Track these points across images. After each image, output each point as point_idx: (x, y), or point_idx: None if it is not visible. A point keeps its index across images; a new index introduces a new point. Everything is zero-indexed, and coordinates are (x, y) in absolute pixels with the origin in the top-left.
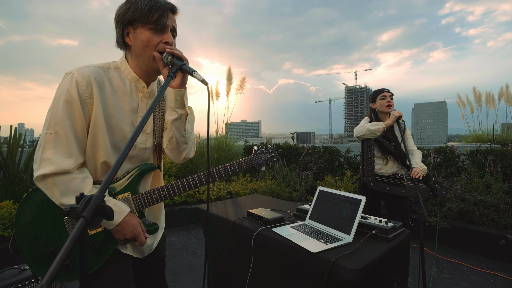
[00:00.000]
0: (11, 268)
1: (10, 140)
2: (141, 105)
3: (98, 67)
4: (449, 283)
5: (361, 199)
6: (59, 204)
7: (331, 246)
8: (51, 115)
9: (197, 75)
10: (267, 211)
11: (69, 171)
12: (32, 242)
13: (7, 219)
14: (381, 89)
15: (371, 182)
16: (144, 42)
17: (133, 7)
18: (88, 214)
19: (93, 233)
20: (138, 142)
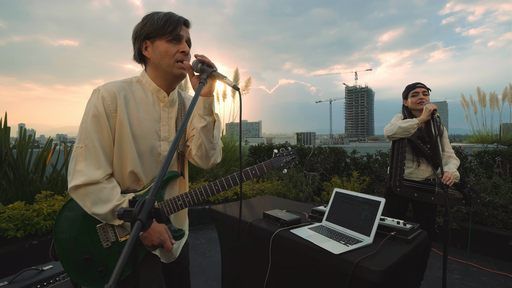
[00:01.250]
0: (29, 269)
1: (20, 142)
2: (163, 114)
3: (122, 82)
4: (460, 284)
5: (380, 201)
6: (91, 213)
7: (352, 248)
8: (81, 129)
9: (228, 80)
10: (283, 212)
11: (98, 181)
12: (69, 249)
13: (19, 220)
14: (414, 84)
15: (398, 187)
16: (162, 52)
17: (149, 23)
18: (143, 217)
19: (123, 239)
20: (163, 150)
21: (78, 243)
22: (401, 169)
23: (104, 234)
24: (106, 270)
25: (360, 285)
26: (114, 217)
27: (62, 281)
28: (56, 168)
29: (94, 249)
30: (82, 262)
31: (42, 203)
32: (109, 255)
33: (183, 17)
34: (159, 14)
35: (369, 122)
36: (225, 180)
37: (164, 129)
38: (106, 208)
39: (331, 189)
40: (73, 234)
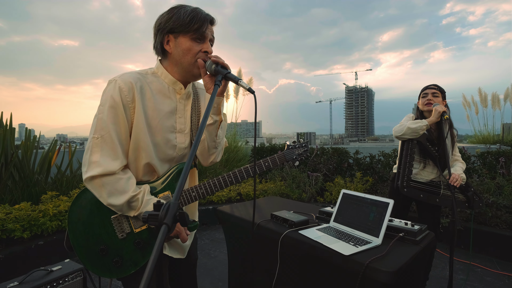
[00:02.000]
0: (39, 269)
1: (25, 142)
2: (179, 106)
3: (137, 73)
4: (464, 284)
5: (389, 202)
6: (107, 204)
7: (361, 249)
8: (97, 120)
9: (242, 83)
10: (290, 213)
11: (114, 172)
12: (83, 240)
13: (26, 221)
14: (427, 85)
15: (405, 187)
16: (185, 50)
17: (175, 17)
18: (169, 221)
19: (138, 231)
20: (179, 142)
21: (93, 234)
22: (409, 169)
23: (119, 225)
24: (122, 260)
25: (370, 286)
26: (129, 208)
27: (71, 281)
28: (61, 169)
29: (109, 240)
30: (98, 253)
31: (48, 204)
32: (124, 246)
33: (210, 15)
34: (186, 9)
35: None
36: (238, 172)
37: (180, 121)
38: (122, 199)
39: (334, 190)
40: (88, 225)
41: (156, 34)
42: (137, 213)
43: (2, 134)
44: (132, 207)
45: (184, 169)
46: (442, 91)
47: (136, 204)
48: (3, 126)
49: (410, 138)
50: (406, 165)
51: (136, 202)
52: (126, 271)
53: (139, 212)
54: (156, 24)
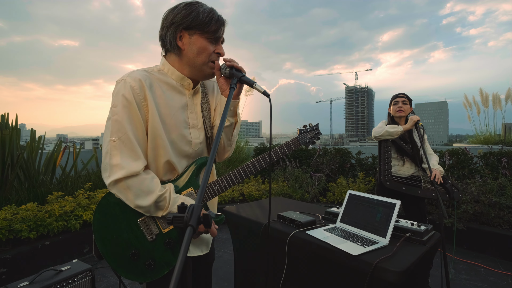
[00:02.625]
0: (48, 269)
1: (30, 143)
2: (189, 102)
3: (144, 70)
4: (468, 284)
5: (396, 203)
6: (134, 206)
7: (369, 249)
8: (112, 122)
9: (257, 86)
10: (297, 214)
11: (138, 173)
12: (113, 247)
13: (32, 221)
14: (397, 94)
15: (387, 181)
16: (200, 49)
17: (193, 14)
18: (194, 223)
19: (166, 231)
20: (193, 138)
21: (122, 240)
22: (389, 165)
23: (147, 228)
24: (154, 262)
25: (378, 285)
26: (157, 209)
27: (80, 281)
28: (66, 170)
29: (139, 243)
30: (129, 258)
31: (53, 204)
32: (155, 248)
33: (222, 17)
34: (204, 8)
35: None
36: (256, 161)
37: (192, 116)
38: (149, 199)
39: (336, 190)
40: (115, 231)
41: (168, 27)
42: (165, 213)
43: (8, 135)
44: (160, 207)
45: (206, 171)
46: (410, 99)
47: (163, 204)
48: (9, 127)
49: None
50: (385, 161)
51: (163, 202)
52: (160, 273)
53: (167, 212)
54: (169, 17)
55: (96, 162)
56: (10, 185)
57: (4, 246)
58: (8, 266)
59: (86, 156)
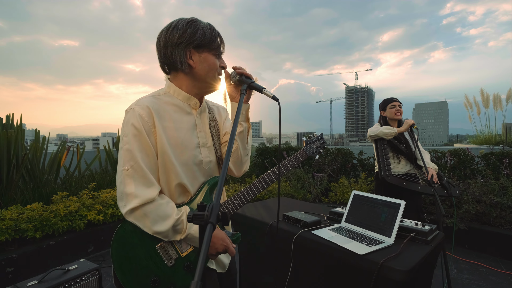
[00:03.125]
0: (56, 269)
1: (34, 143)
2: (197, 121)
3: (151, 96)
4: (470, 284)
5: (401, 203)
6: (153, 233)
7: (375, 249)
8: (123, 152)
9: (267, 92)
10: (302, 214)
11: (153, 199)
12: (133, 276)
13: (38, 221)
14: (390, 98)
15: (388, 176)
16: (211, 65)
17: (199, 32)
18: (214, 220)
19: (185, 254)
20: (204, 157)
21: (141, 267)
22: (387, 161)
23: (165, 253)
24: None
25: (384, 284)
26: (175, 233)
27: (87, 280)
28: (70, 170)
29: (159, 270)
30: (150, 285)
31: (58, 204)
32: (175, 273)
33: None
34: (205, 24)
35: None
36: (267, 176)
37: (201, 135)
38: (167, 224)
39: (338, 190)
40: (134, 260)
41: (176, 46)
42: (183, 236)
43: (14, 136)
44: (178, 231)
45: (222, 173)
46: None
47: (181, 227)
48: (14, 127)
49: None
50: (383, 157)
51: (181, 225)
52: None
53: (185, 235)
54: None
55: (99, 162)
56: (16, 185)
57: (10, 246)
58: (14, 265)
59: (89, 157)
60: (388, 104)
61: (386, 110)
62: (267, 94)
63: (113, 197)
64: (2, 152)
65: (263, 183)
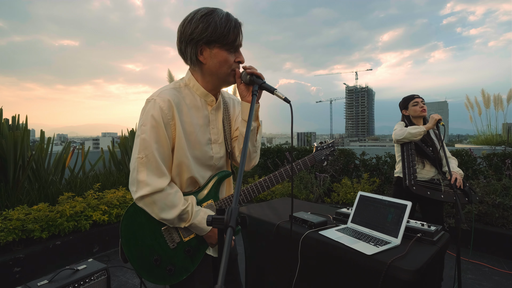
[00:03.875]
0: (65, 269)
1: (40, 144)
2: (211, 117)
3: (173, 88)
4: (473, 283)
5: (407, 204)
6: (159, 219)
7: (382, 249)
8: (140, 140)
9: (278, 93)
10: (308, 214)
11: (163, 188)
12: (137, 252)
13: (44, 221)
14: (412, 95)
15: (413, 186)
16: (221, 61)
17: (211, 27)
18: (233, 224)
19: (187, 239)
20: (215, 153)
21: (146, 246)
22: (413, 169)
23: (169, 236)
24: (174, 268)
25: (392, 284)
26: (180, 221)
27: (96, 280)
28: (74, 171)
29: (161, 250)
30: (152, 263)
31: (64, 205)
32: (176, 255)
33: (239, 20)
34: (221, 16)
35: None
36: (273, 176)
37: (213, 131)
38: (173, 213)
39: (341, 191)
40: (140, 238)
41: (188, 42)
42: (188, 225)
43: (20, 137)
44: (183, 220)
45: (239, 175)
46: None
47: (186, 217)
48: (19, 128)
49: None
50: (410, 164)
51: (186, 215)
52: (179, 277)
53: (189, 224)
54: (187, 32)
55: (103, 163)
56: (22, 186)
57: (17, 246)
58: (21, 265)
59: (93, 157)
60: (410, 101)
61: (408, 109)
62: (278, 95)
63: (117, 197)
64: (9, 153)
65: (269, 182)
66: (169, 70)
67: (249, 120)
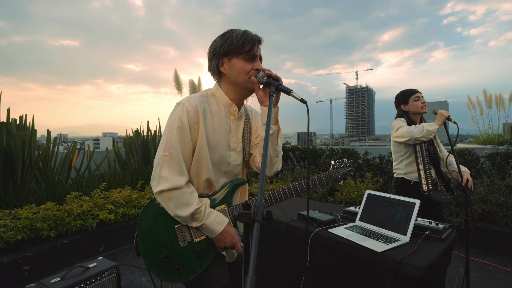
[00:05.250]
0: (76, 266)
1: (46, 144)
2: (232, 126)
3: (201, 96)
4: (478, 282)
5: (415, 202)
6: (174, 215)
7: (392, 246)
8: (166, 139)
9: (294, 94)
10: (316, 212)
11: (181, 187)
12: (150, 247)
13: (52, 220)
14: (412, 89)
15: (431, 191)
16: (239, 70)
17: (228, 41)
18: (260, 218)
19: (197, 240)
20: (232, 160)
21: (159, 241)
22: (430, 171)
23: (181, 234)
24: (182, 267)
25: (402, 280)
26: (192, 220)
27: (107, 278)
28: (80, 171)
29: (172, 247)
30: (162, 259)
31: (72, 204)
32: (185, 254)
33: (258, 35)
34: (237, 32)
35: (370, 122)
36: (287, 190)
37: (233, 140)
38: (187, 211)
39: (344, 190)
40: (155, 233)
41: (212, 58)
42: (199, 225)
43: (28, 137)
44: (195, 219)
45: (261, 177)
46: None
47: (199, 216)
48: (27, 129)
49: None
50: (426, 167)
51: (199, 215)
52: (186, 278)
53: (201, 224)
54: (211, 49)
55: (108, 163)
56: (29, 185)
57: (25, 244)
58: (30, 263)
59: (98, 157)
60: (411, 96)
61: (409, 103)
62: (295, 96)
63: (123, 196)
64: (17, 152)
65: (282, 195)
66: (176, 70)
67: (268, 121)
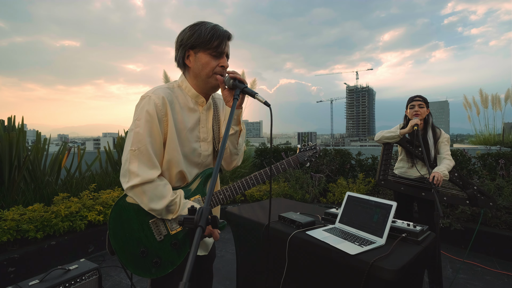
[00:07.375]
0: (56, 268)
1: (36, 145)
2: (202, 117)
3: (166, 87)
4: (465, 283)
5: (392, 205)
6: (148, 209)
7: (366, 249)
8: (133, 134)
9: (259, 97)
10: (297, 214)
11: (153, 180)
12: (124, 244)
13: (39, 221)
14: (412, 97)
15: (382, 181)
16: (203, 64)
17: (196, 34)
18: (203, 224)
19: (174, 233)
20: (203, 150)
21: (133, 238)
22: (385, 166)
23: (156, 229)
24: (160, 261)
25: (375, 283)
26: (168, 212)
27: (87, 280)
28: (70, 171)
29: (148, 242)
30: (139, 255)
31: (59, 205)
32: (162, 247)
33: (228, 31)
34: (207, 26)
35: (370, 122)
36: (258, 174)
37: (203, 130)
38: (162, 203)
39: (336, 191)
40: (128, 230)
41: (178, 48)
42: (175, 216)
43: (15, 138)
44: (170, 211)
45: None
46: (426, 101)
47: (174, 208)
48: (15, 129)
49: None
50: (382, 162)
51: (174, 206)
52: (165, 270)
53: (177, 215)
54: (179, 39)
55: (100, 163)
56: (17, 187)
57: (11, 246)
58: (16, 265)
59: (90, 157)
60: (409, 103)
61: (407, 109)
62: (259, 99)
63: (113, 197)
64: (4, 154)
65: (254, 180)
66: (165, 71)
67: (228, 123)
